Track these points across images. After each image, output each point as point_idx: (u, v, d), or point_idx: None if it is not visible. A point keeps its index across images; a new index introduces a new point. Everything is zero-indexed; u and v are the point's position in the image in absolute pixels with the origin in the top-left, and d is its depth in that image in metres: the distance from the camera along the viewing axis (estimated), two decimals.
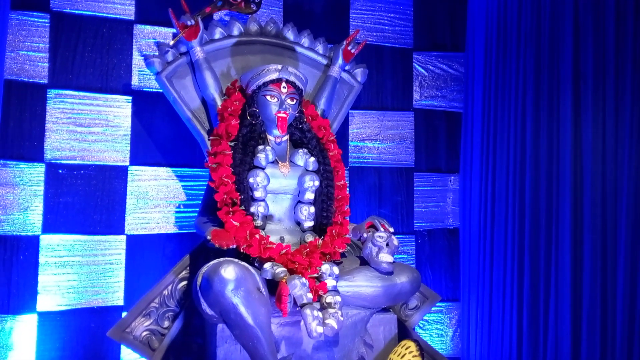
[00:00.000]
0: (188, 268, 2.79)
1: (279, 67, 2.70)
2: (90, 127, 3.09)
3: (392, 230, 2.64)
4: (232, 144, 2.65)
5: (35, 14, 3.01)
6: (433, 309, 3.28)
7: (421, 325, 3.62)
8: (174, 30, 2.88)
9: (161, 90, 2.90)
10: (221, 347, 2.40)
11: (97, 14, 3.12)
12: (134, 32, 3.20)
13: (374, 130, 3.70)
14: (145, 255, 3.14)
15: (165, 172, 3.22)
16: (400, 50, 3.77)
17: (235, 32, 2.99)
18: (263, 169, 2.63)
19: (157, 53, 2.89)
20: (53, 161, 3.02)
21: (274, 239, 2.56)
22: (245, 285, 2.22)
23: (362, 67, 3.24)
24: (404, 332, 2.88)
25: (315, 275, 2.45)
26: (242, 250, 2.45)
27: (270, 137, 2.75)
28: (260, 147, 2.68)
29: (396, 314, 2.84)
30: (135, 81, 3.19)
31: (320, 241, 2.60)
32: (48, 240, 2.98)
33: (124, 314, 2.83)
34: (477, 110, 3.68)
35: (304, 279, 2.36)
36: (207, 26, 2.94)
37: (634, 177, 3.19)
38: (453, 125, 3.84)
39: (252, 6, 3.13)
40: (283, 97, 2.68)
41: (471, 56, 3.75)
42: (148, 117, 3.20)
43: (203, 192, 2.79)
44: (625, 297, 3.15)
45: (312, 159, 2.76)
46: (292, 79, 2.71)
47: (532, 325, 3.33)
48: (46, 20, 3.03)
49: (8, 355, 2.85)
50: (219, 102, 2.80)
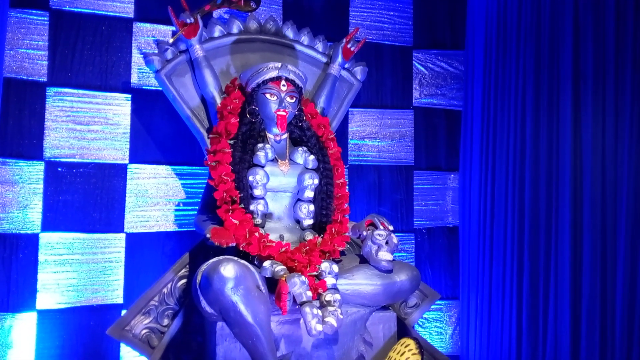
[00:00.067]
0: (187, 266, 2.79)
1: (279, 65, 2.70)
2: (90, 125, 3.09)
3: (391, 228, 2.64)
4: (232, 142, 2.64)
5: (34, 11, 3.00)
6: (432, 306, 3.28)
7: (420, 323, 3.62)
8: (174, 28, 2.88)
9: (160, 89, 2.89)
10: (221, 345, 2.40)
11: (96, 11, 3.12)
12: (134, 30, 3.19)
13: (373, 129, 3.69)
14: (145, 253, 3.14)
15: (164, 170, 3.21)
16: (400, 48, 3.77)
17: (235, 30, 2.99)
18: (262, 167, 2.63)
19: (156, 51, 2.89)
20: (52, 159, 3.01)
21: (273, 237, 2.55)
22: (244, 283, 2.22)
23: (362, 65, 3.24)
24: (404, 330, 2.88)
25: (315, 273, 2.45)
26: (241, 249, 2.45)
27: (269, 135, 2.75)
28: (260, 145, 2.67)
29: (396, 312, 2.84)
30: (134, 79, 3.18)
31: (320, 239, 2.60)
32: (47, 239, 2.97)
33: (124, 312, 2.82)
34: (476, 109, 3.67)
35: (303, 277, 2.36)
36: (207, 24, 2.93)
37: (633, 175, 3.19)
38: (453, 123, 3.84)
39: (252, 4, 3.13)
40: (282, 95, 2.67)
41: (471, 54, 3.75)
42: (147, 115, 3.20)
43: (202, 190, 2.79)
44: (624, 294, 3.15)
45: (312, 157, 2.76)
46: (292, 77, 2.71)
47: (532, 323, 3.34)
48: (45, 18, 3.02)
49: (7, 354, 2.85)
50: (219, 100, 2.80)
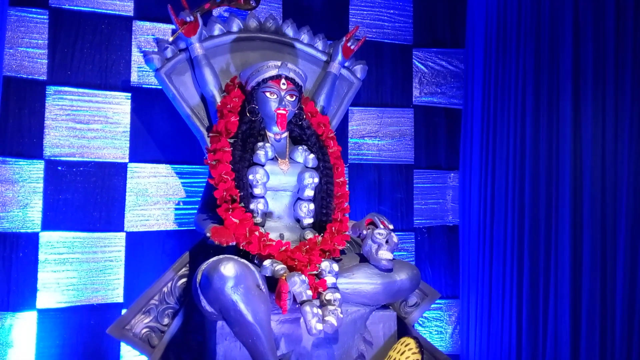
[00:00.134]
0: (188, 265, 2.79)
1: (279, 63, 2.69)
2: (90, 123, 3.09)
3: (391, 227, 2.64)
4: (232, 140, 2.64)
5: (34, 10, 3.00)
6: (432, 306, 3.28)
7: (421, 322, 3.62)
8: (173, 26, 2.88)
9: (160, 87, 2.89)
10: (221, 344, 2.40)
11: (96, 10, 3.11)
12: (133, 28, 3.19)
13: (373, 127, 3.69)
14: (145, 252, 3.14)
15: (164, 169, 3.21)
16: (400, 46, 3.77)
17: (235, 28, 2.98)
18: (262, 165, 2.63)
19: (156, 49, 2.89)
20: (52, 158, 3.01)
21: (273, 236, 2.55)
22: (244, 282, 2.21)
23: (362, 64, 3.23)
24: (404, 329, 2.88)
25: (315, 272, 2.45)
26: (241, 248, 2.45)
27: (269, 134, 2.75)
28: (260, 144, 2.67)
29: (396, 311, 2.84)
30: (134, 78, 3.18)
31: (320, 238, 2.60)
32: (47, 238, 2.97)
33: (124, 311, 2.82)
34: (476, 107, 3.67)
35: (303, 276, 2.36)
36: (206, 22, 2.93)
37: (633, 174, 3.18)
38: (453, 122, 3.83)
39: (252, 2, 3.13)
40: (282, 93, 2.67)
41: (471, 53, 3.75)
42: (147, 113, 3.19)
43: (202, 189, 2.78)
44: (624, 293, 3.15)
45: (312, 155, 2.76)
46: (292, 75, 2.70)
47: (532, 322, 3.34)
48: (45, 17, 3.02)
49: (8, 353, 2.85)
50: (219, 99, 2.79)
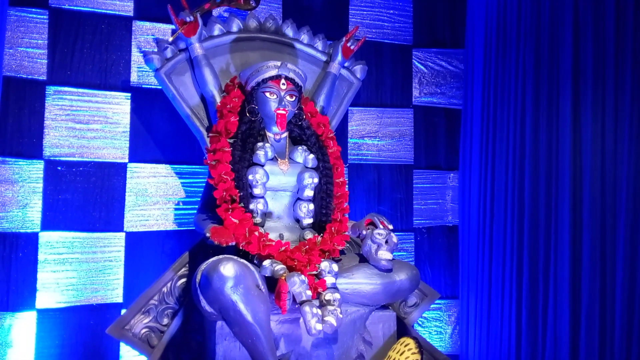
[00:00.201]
0: (187, 265, 2.79)
1: (278, 63, 2.69)
2: (89, 124, 3.09)
3: (391, 227, 2.64)
4: (231, 141, 2.64)
5: (34, 10, 3.00)
6: (432, 306, 3.28)
7: (420, 323, 3.62)
8: (173, 26, 2.88)
9: (160, 87, 2.89)
10: (220, 345, 2.40)
11: (96, 10, 3.11)
12: (133, 28, 3.19)
13: (373, 127, 3.69)
14: (145, 252, 3.14)
15: (164, 169, 3.21)
16: (400, 46, 3.77)
17: (234, 28, 2.98)
18: (262, 166, 2.63)
19: (156, 50, 2.89)
20: (52, 158, 3.01)
21: (273, 236, 2.55)
22: (244, 282, 2.21)
23: (362, 64, 3.23)
24: (403, 329, 2.88)
25: (315, 272, 2.45)
26: (241, 248, 2.45)
27: (269, 134, 2.75)
28: (260, 144, 2.67)
29: (395, 311, 2.84)
30: (134, 78, 3.18)
31: (320, 238, 2.60)
32: (47, 238, 2.97)
33: (123, 311, 2.82)
34: (476, 107, 3.67)
35: (303, 277, 2.36)
36: (206, 22, 2.93)
37: (633, 173, 3.19)
38: (452, 122, 3.83)
39: (251, 2, 3.13)
40: (282, 93, 2.67)
41: (471, 53, 3.75)
42: (147, 114, 3.19)
43: (202, 189, 2.78)
44: (624, 293, 3.15)
45: (312, 156, 2.76)
46: (292, 75, 2.70)
47: (531, 322, 3.34)
48: (45, 17, 3.02)
49: (7, 353, 2.85)
50: (218, 99, 2.79)
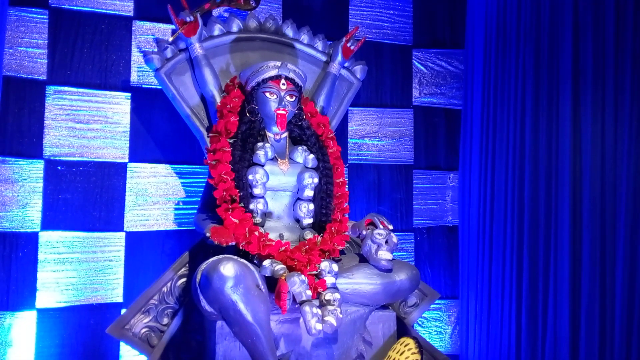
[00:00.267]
0: (187, 265, 2.79)
1: (278, 63, 2.69)
2: (89, 123, 3.09)
3: (391, 227, 2.64)
4: (232, 141, 2.64)
5: (34, 10, 3.00)
6: (432, 306, 3.28)
7: (420, 323, 3.62)
8: (173, 26, 2.88)
9: (160, 87, 2.89)
10: (220, 344, 2.40)
11: (96, 10, 3.11)
12: (133, 28, 3.19)
13: (373, 128, 3.69)
14: (145, 252, 3.14)
15: (164, 169, 3.21)
16: (400, 47, 3.77)
17: (235, 28, 2.98)
18: (262, 166, 2.63)
19: (156, 49, 2.89)
20: (52, 158, 3.01)
21: (273, 236, 2.55)
22: (244, 282, 2.22)
23: (362, 64, 3.23)
24: (403, 329, 2.88)
25: (314, 272, 2.45)
26: (241, 248, 2.45)
27: (269, 134, 2.75)
28: (260, 144, 2.67)
29: (395, 311, 2.84)
30: (134, 78, 3.18)
31: (320, 238, 2.60)
32: (47, 237, 2.97)
33: (123, 311, 2.82)
34: (476, 108, 3.67)
35: (303, 276, 2.36)
36: (206, 22, 2.93)
37: (632, 173, 3.19)
38: (452, 122, 3.83)
39: (251, 2, 3.13)
40: (282, 94, 2.67)
41: (470, 53, 3.75)
42: (147, 113, 3.19)
43: (202, 189, 2.78)
44: (624, 293, 3.15)
45: (312, 156, 2.76)
46: (292, 75, 2.71)
47: (531, 322, 3.34)
48: (45, 17, 3.02)
49: (7, 352, 2.85)
50: (218, 99, 2.79)
